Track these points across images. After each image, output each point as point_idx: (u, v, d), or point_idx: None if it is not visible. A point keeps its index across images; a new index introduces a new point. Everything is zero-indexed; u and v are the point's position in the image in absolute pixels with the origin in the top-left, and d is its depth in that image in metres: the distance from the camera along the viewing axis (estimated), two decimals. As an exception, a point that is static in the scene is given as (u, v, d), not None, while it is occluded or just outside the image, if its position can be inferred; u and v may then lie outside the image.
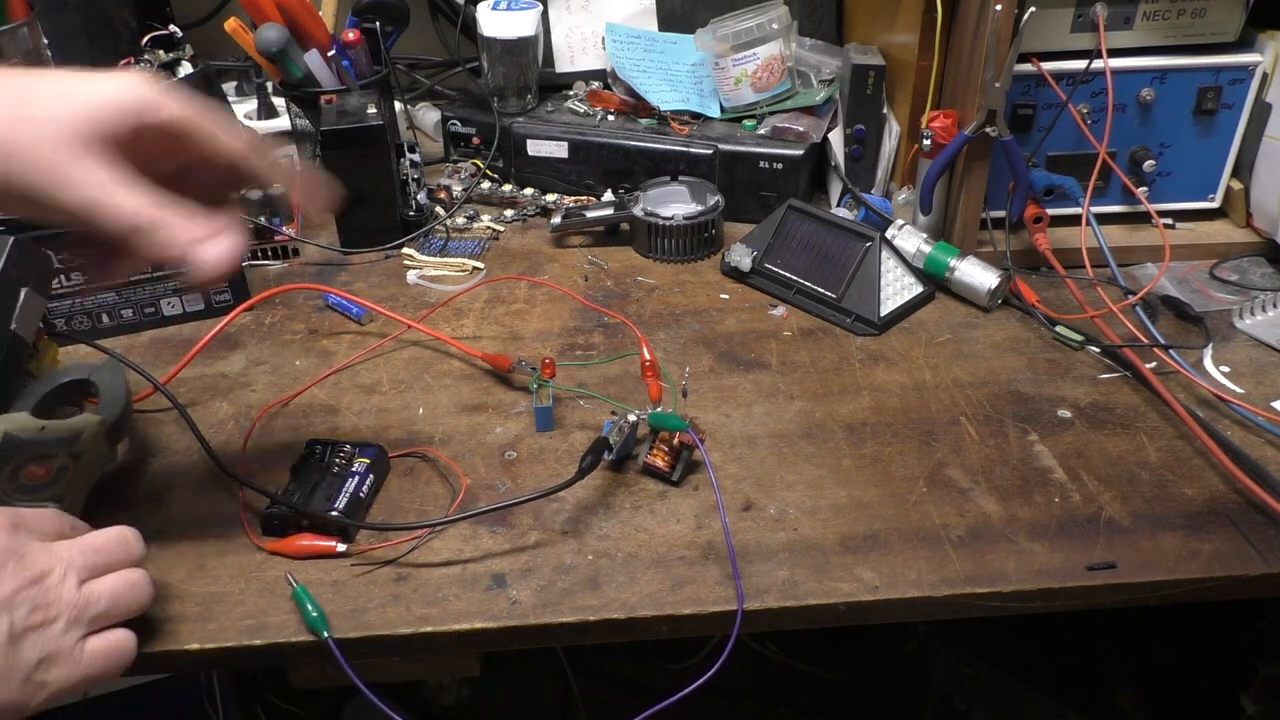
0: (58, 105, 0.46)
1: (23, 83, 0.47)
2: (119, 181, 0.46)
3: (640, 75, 1.00)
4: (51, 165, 0.45)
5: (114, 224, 0.46)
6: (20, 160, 0.45)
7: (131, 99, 0.47)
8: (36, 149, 0.45)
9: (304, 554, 0.59)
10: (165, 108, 0.48)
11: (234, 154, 0.51)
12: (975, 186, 0.82)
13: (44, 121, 0.45)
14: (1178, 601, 0.58)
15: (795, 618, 0.56)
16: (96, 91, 0.47)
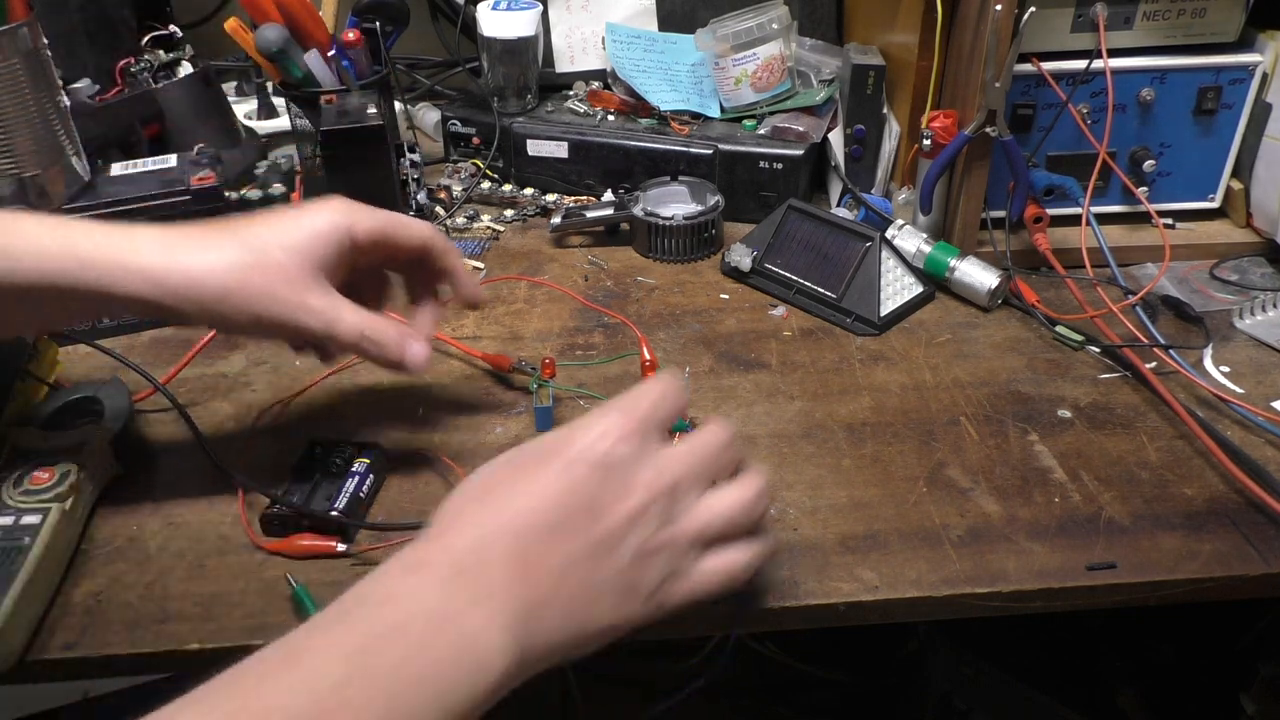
0: (281, 250, 0.54)
1: (249, 234, 0.54)
2: (341, 304, 0.56)
3: (640, 75, 1.00)
4: (290, 303, 0.54)
5: (343, 341, 0.56)
6: (266, 302, 0.53)
7: (334, 228, 0.56)
8: (275, 291, 0.53)
9: (304, 554, 0.58)
10: (360, 225, 0.57)
11: (421, 239, 0.60)
12: (975, 186, 0.82)
13: (276, 267, 0.53)
14: (1178, 601, 0.58)
15: (795, 618, 0.56)
16: (307, 228, 0.55)
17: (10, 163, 0.71)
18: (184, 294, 0.52)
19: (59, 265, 0.51)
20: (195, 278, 0.52)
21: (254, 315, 0.53)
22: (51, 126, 0.73)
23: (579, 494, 0.44)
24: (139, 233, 0.53)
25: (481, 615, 0.41)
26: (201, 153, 0.82)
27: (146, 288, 0.52)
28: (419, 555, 0.43)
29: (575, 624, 0.44)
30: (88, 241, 0.52)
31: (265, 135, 1.07)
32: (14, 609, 0.52)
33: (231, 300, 0.53)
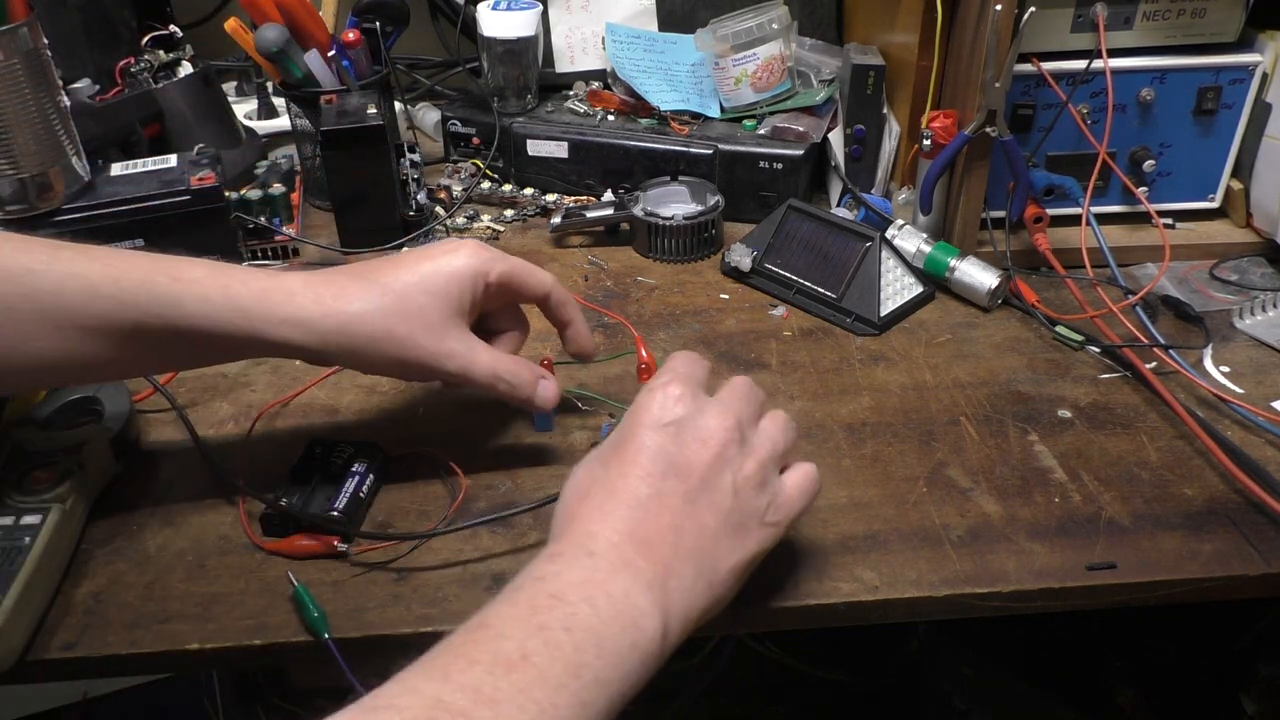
0: (424, 295, 0.56)
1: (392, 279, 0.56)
2: (477, 346, 0.58)
3: (640, 75, 1.00)
4: (430, 349, 0.56)
5: (479, 382, 0.58)
6: (409, 347, 0.56)
7: (471, 272, 0.57)
8: (417, 337, 0.56)
9: (304, 554, 0.59)
10: (493, 270, 0.58)
11: (544, 288, 0.61)
12: (975, 186, 0.82)
13: (418, 313, 0.56)
14: (1178, 601, 0.58)
15: (795, 618, 0.56)
16: (446, 273, 0.57)
17: (10, 163, 0.71)
18: (334, 341, 0.55)
19: (221, 314, 0.54)
20: (344, 325, 0.55)
21: (397, 360, 0.56)
22: (51, 126, 0.73)
23: (662, 459, 0.48)
24: (290, 282, 0.56)
25: (623, 580, 0.44)
26: (201, 153, 0.82)
27: (297, 334, 0.55)
28: (550, 551, 0.46)
29: (706, 573, 0.47)
30: (246, 291, 0.55)
31: (265, 135, 1.07)
32: (14, 609, 0.52)
33: (378, 347, 0.56)
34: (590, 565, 0.45)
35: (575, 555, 0.45)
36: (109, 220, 0.76)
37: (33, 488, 0.58)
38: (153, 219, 0.77)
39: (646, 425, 0.50)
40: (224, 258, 0.80)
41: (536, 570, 0.45)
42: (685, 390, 0.51)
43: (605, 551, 0.45)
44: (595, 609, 0.43)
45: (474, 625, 0.42)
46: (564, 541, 0.47)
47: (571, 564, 0.45)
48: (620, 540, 0.46)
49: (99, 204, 0.76)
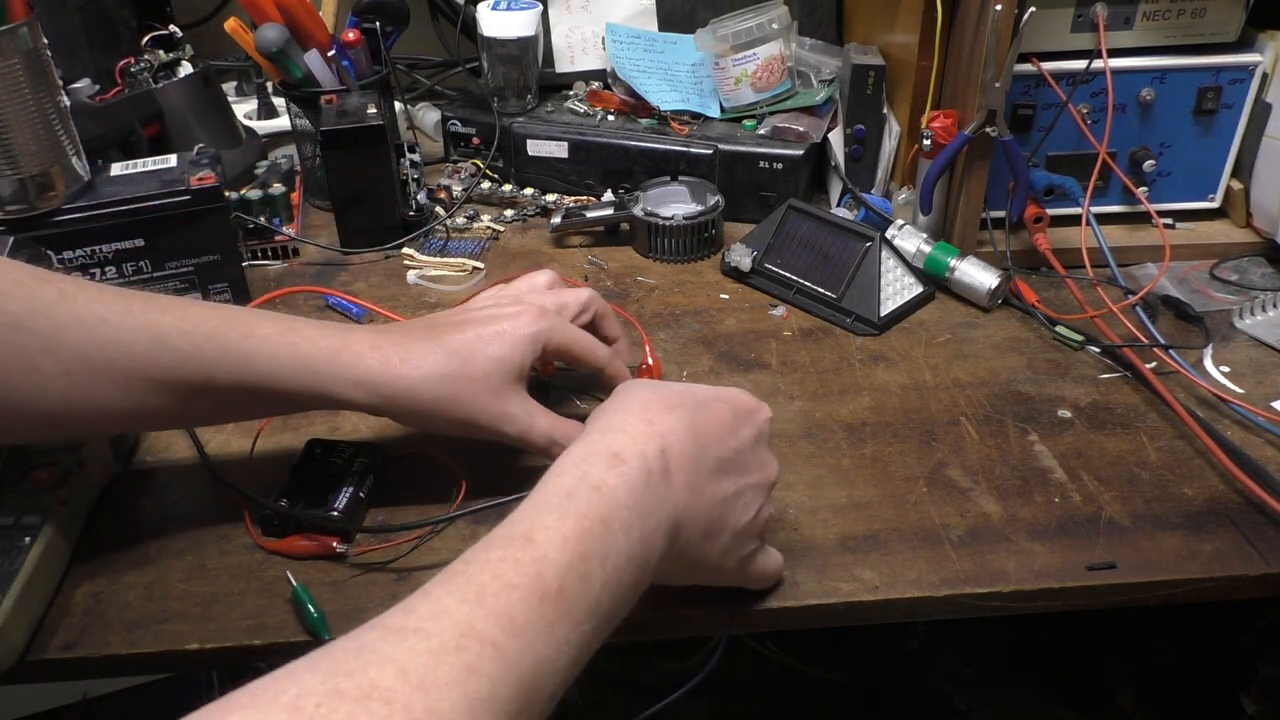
0: (484, 359, 0.57)
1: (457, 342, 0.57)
2: (535, 411, 0.59)
3: (640, 75, 1.00)
4: (491, 412, 0.57)
5: (535, 446, 0.59)
6: (472, 411, 0.57)
7: (533, 340, 0.58)
8: (480, 401, 0.57)
9: (304, 554, 0.59)
10: (554, 340, 0.59)
11: (600, 364, 0.62)
12: (975, 186, 0.82)
13: (482, 377, 0.57)
14: (1178, 601, 0.58)
15: (795, 618, 0.56)
16: (509, 338, 0.58)
17: (10, 163, 0.71)
18: (398, 402, 0.56)
19: (290, 372, 0.55)
20: (409, 388, 0.56)
21: (458, 421, 0.57)
22: (51, 126, 0.73)
23: (741, 445, 0.50)
24: (357, 342, 0.56)
25: (656, 518, 0.45)
26: (201, 153, 0.82)
27: (363, 395, 0.55)
28: (615, 447, 0.45)
29: (701, 551, 0.49)
30: (315, 350, 0.55)
31: (265, 135, 1.07)
32: (14, 609, 0.52)
33: (440, 409, 0.56)
34: (644, 488, 0.44)
35: (636, 467, 0.45)
36: (109, 220, 0.76)
37: (33, 488, 0.58)
38: (153, 219, 0.77)
39: (748, 411, 0.52)
40: (224, 258, 0.80)
41: (594, 473, 0.44)
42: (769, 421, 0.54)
43: (661, 478, 0.45)
44: (630, 542, 0.43)
45: (518, 537, 0.41)
46: (630, 441, 0.46)
47: (629, 479, 0.44)
48: (679, 471, 0.46)
49: (99, 204, 0.75)
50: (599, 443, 0.46)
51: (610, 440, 0.46)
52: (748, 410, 0.52)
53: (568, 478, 0.44)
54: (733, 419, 0.51)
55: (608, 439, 0.46)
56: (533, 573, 0.39)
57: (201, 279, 0.80)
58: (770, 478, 0.53)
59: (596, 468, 0.44)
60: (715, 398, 0.51)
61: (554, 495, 0.43)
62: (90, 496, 0.61)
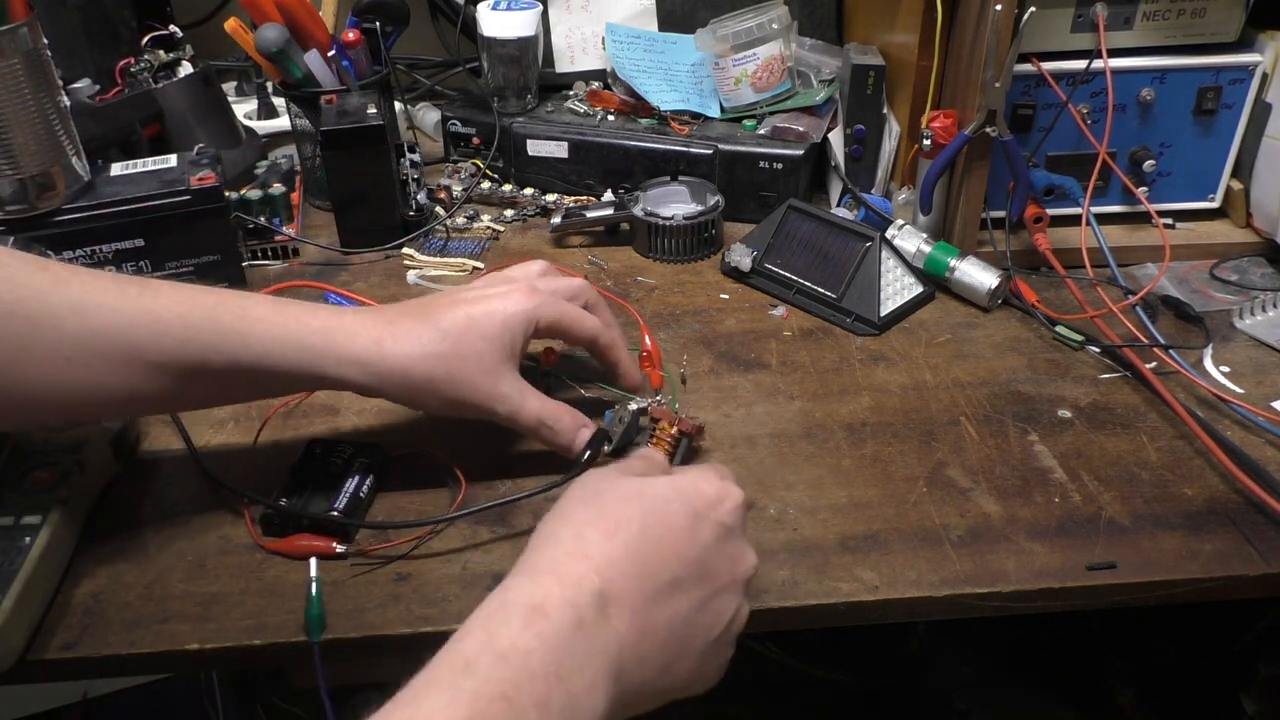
0: (476, 338, 0.57)
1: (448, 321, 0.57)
2: (526, 391, 0.59)
3: (640, 75, 1.00)
4: (486, 390, 0.57)
5: (524, 426, 0.59)
6: (464, 390, 0.57)
7: (524, 318, 0.58)
8: (473, 380, 0.57)
9: (304, 554, 0.58)
10: (544, 316, 0.59)
11: (590, 334, 0.62)
12: (975, 186, 0.82)
13: (470, 356, 0.57)
14: (1178, 601, 0.58)
15: (795, 618, 0.56)
16: (500, 317, 0.58)
17: (10, 163, 0.71)
18: (391, 380, 0.56)
19: (286, 352, 0.55)
20: (403, 367, 0.56)
21: (450, 400, 0.57)
22: (51, 126, 0.73)
23: (702, 550, 0.45)
24: (350, 321, 0.57)
25: (591, 671, 0.39)
26: (201, 153, 0.82)
27: (356, 374, 0.56)
28: (538, 598, 0.40)
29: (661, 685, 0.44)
30: (309, 330, 0.55)
31: (265, 135, 1.07)
32: (14, 609, 0.52)
33: (433, 387, 0.56)
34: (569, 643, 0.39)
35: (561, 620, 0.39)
36: (109, 220, 0.76)
37: (33, 488, 0.58)
38: (153, 219, 0.77)
39: (703, 511, 0.46)
40: (224, 258, 0.80)
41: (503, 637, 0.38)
42: (743, 504, 0.48)
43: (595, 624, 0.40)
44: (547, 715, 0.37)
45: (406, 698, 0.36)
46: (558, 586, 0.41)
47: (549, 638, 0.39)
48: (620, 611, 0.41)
49: (99, 204, 0.76)
50: (517, 594, 0.40)
51: (532, 590, 0.40)
52: (709, 505, 0.46)
53: (469, 642, 0.38)
54: (689, 523, 0.45)
55: (529, 588, 0.40)
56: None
57: (201, 279, 0.80)
58: (745, 572, 0.47)
59: (508, 629, 0.39)
60: (669, 498, 0.46)
61: (448, 669, 0.37)
62: (90, 496, 0.61)
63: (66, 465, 0.60)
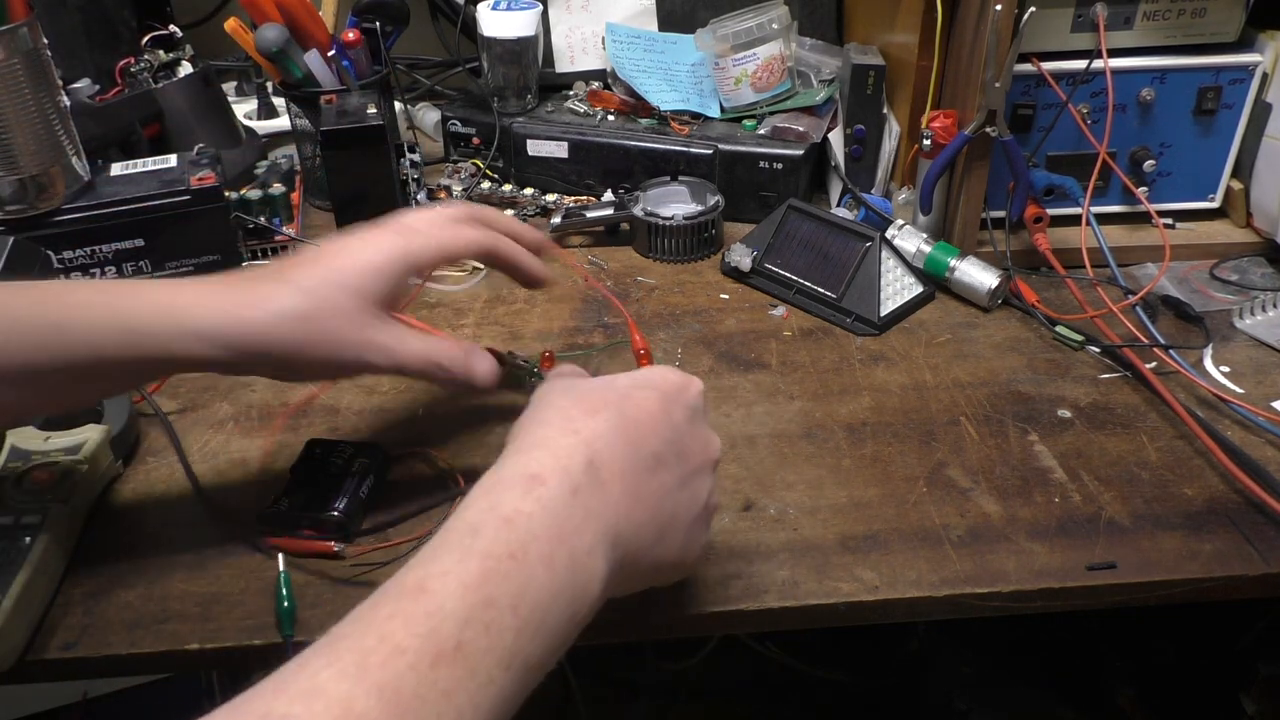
0: (338, 291, 0.52)
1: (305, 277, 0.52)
2: (405, 334, 0.54)
3: (640, 75, 1.00)
4: (355, 342, 0.52)
5: (413, 369, 0.55)
6: (334, 348, 0.52)
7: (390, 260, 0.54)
8: (338, 333, 0.52)
9: (304, 553, 0.58)
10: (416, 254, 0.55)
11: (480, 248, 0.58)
12: (975, 186, 0.82)
13: (334, 312, 0.52)
14: (1178, 601, 0.58)
15: (795, 618, 0.56)
16: (364, 264, 0.54)
17: (10, 163, 0.71)
18: (250, 350, 0.51)
19: (115, 338, 0.49)
20: (261, 333, 0.51)
21: (320, 361, 0.53)
22: (51, 126, 0.73)
23: (677, 430, 0.47)
24: (190, 292, 0.51)
25: (590, 534, 0.41)
26: (201, 153, 0.82)
27: (208, 349, 0.50)
28: (534, 468, 0.42)
29: (654, 554, 0.45)
30: (137, 308, 0.50)
31: (265, 135, 1.07)
32: (14, 609, 0.52)
33: (300, 352, 0.52)
34: (568, 507, 0.40)
35: (559, 487, 0.41)
36: (109, 220, 0.76)
37: (33, 488, 0.58)
38: (153, 219, 0.77)
39: (670, 391, 0.48)
40: (224, 257, 0.80)
41: (506, 503, 0.40)
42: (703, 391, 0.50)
43: (590, 489, 0.42)
44: (553, 574, 0.38)
45: (411, 586, 0.37)
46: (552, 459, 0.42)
47: (549, 503, 0.40)
48: (612, 478, 0.43)
49: (99, 204, 0.76)
50: (513, 467, 0.42)
51: (527, 461, 0.42)
52: (676, 390, 0.48)
53: (473, 511, 0.40)
54: (662, 406, 0.47)
55: (523, 460, 0.42)
56: (424, 630, 0.35)
57: (201, 279, 0.80)
58: (714, 454, 0.49)
59: (509, 496, 0.40)
60: (638, 385, 0.48)
61: (456, 534, 0.39)
62: (90, 496, 0.61)
63: (66, 465, 0.60)
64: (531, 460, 0.42)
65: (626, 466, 0.44)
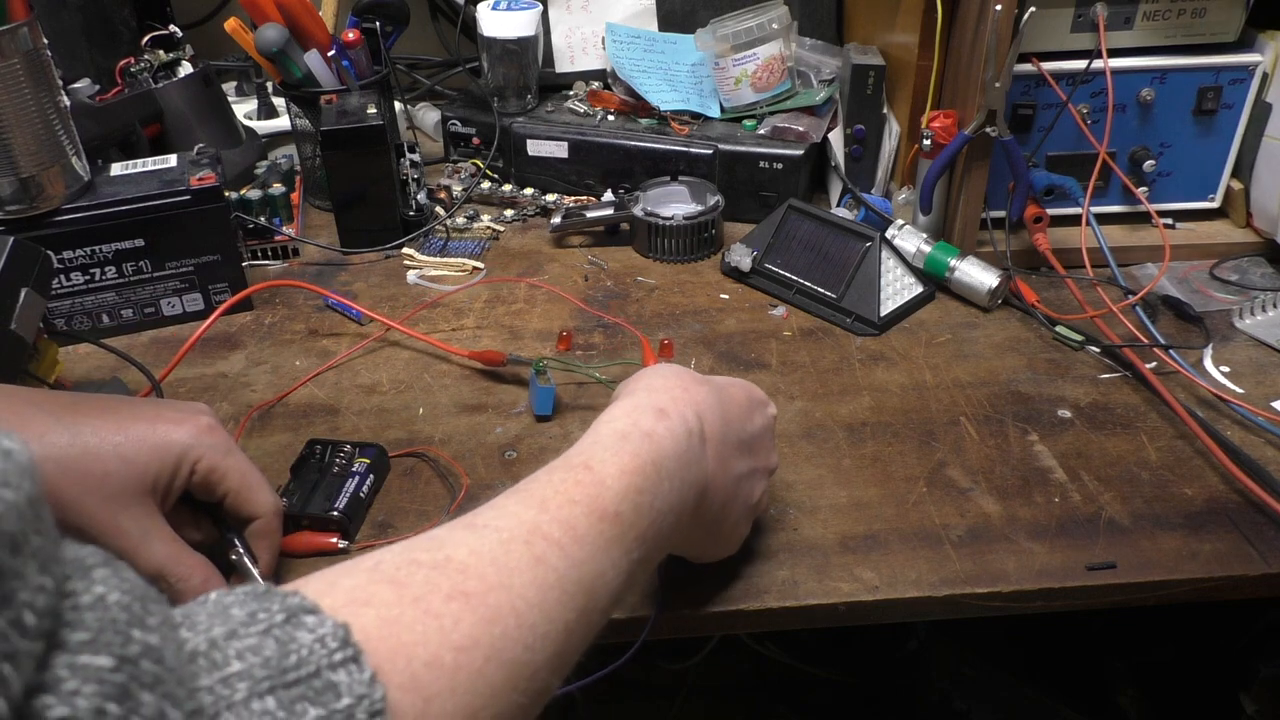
0: (112, 456, 0.49)
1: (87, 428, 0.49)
2: (151, 533, 0.50)
3: (640, 75, 1.00)
4: (99, 520, 0.49)
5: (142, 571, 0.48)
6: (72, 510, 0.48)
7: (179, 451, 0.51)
8: (90, 502, 0.48)
9: (305, 552, 0.59)
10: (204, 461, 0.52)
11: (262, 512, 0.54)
12: (975, 186, 0.82)
13: (97, 475, 0.48)
14: (1178, 601, 0.58)
15: (795, 618, 0.56)
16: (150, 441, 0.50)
17: (10, 163, 0.71)
18: None
19: None
20: None
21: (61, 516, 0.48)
22: (51, 126, 0.73)
23: (756, 430, 0.53)
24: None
25: (691, 476, 0.47)
26: (201, 153, 0.82)
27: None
28: (661, 404, 0.47)
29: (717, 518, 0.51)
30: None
31: (265, 135, 1.07)
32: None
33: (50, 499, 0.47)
34: (687, 445, 0.46)
35: (680, 426, 0.46)
36: (109, 220, 0.76)
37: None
38: (153, 219, 0.77)
39: (757, 401, 0.55)
40: (224, 258, 0.80)
41: (645, 422, 0.46)
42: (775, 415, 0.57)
43: (698, 441, 0.47)
44: (672, 491, 0.44)
45: (578, 464, 0.43)
46: (673, 402, 0.47)
47: (675, 434, 0.46)
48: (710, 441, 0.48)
49: (99, 204, 0.76)
50: (645, 399, 0.47)
51: (655, 398, 0.48)
52: (760, 400, 0.55)
53: (621, 423, 0.46)
54: (749, 404, 0.53)
55: (653, 397, 0.48)
56: (592, 493, 0.41)
57: (201, 279, 0.81)
58: (773, 466, 0.55)
59: (646, 418, 0.46)
60: (731, 383, 0.54)
61: (609, 436, 0.45)
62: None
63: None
64: (658, 398, 0.48)
65: (719, 435, 0.49)
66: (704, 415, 0.48)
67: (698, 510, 0.48)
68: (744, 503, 0.52)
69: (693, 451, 0.47)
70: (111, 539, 0.49)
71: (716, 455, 0.49)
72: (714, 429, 0.49)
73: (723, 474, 0.50)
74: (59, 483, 0.48)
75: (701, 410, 0.48)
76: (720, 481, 0.49)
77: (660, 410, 0.47)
